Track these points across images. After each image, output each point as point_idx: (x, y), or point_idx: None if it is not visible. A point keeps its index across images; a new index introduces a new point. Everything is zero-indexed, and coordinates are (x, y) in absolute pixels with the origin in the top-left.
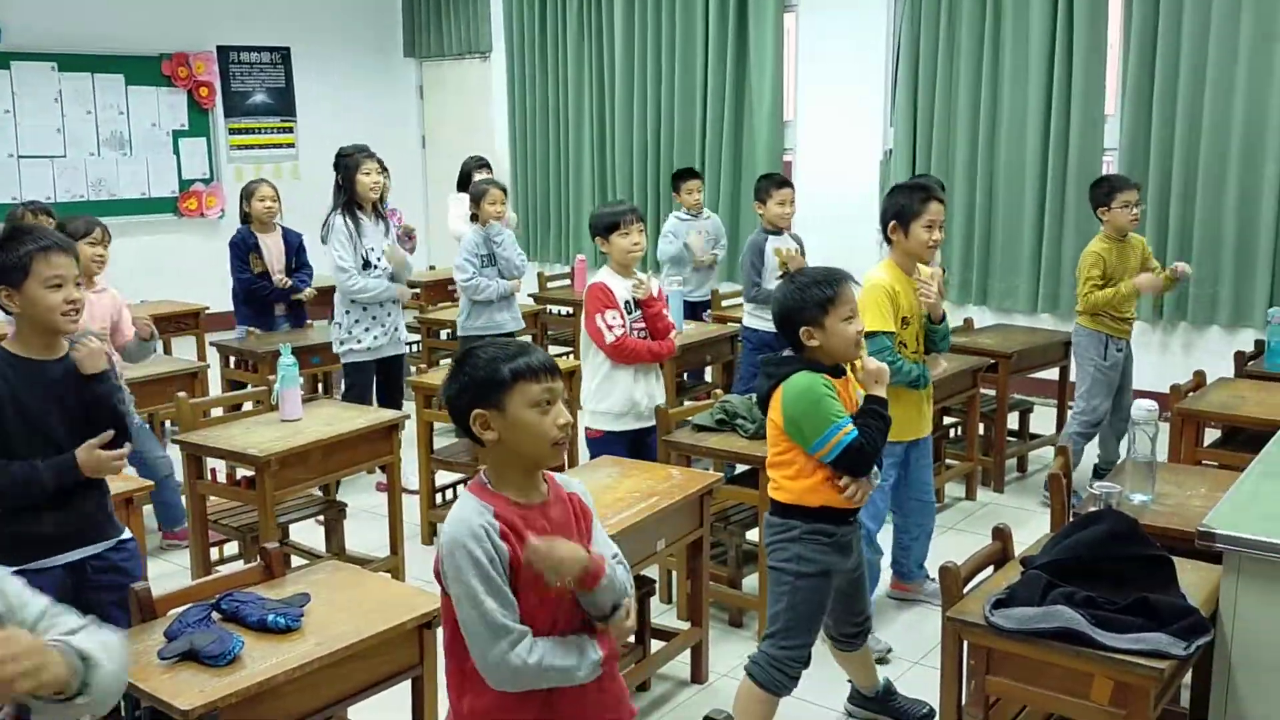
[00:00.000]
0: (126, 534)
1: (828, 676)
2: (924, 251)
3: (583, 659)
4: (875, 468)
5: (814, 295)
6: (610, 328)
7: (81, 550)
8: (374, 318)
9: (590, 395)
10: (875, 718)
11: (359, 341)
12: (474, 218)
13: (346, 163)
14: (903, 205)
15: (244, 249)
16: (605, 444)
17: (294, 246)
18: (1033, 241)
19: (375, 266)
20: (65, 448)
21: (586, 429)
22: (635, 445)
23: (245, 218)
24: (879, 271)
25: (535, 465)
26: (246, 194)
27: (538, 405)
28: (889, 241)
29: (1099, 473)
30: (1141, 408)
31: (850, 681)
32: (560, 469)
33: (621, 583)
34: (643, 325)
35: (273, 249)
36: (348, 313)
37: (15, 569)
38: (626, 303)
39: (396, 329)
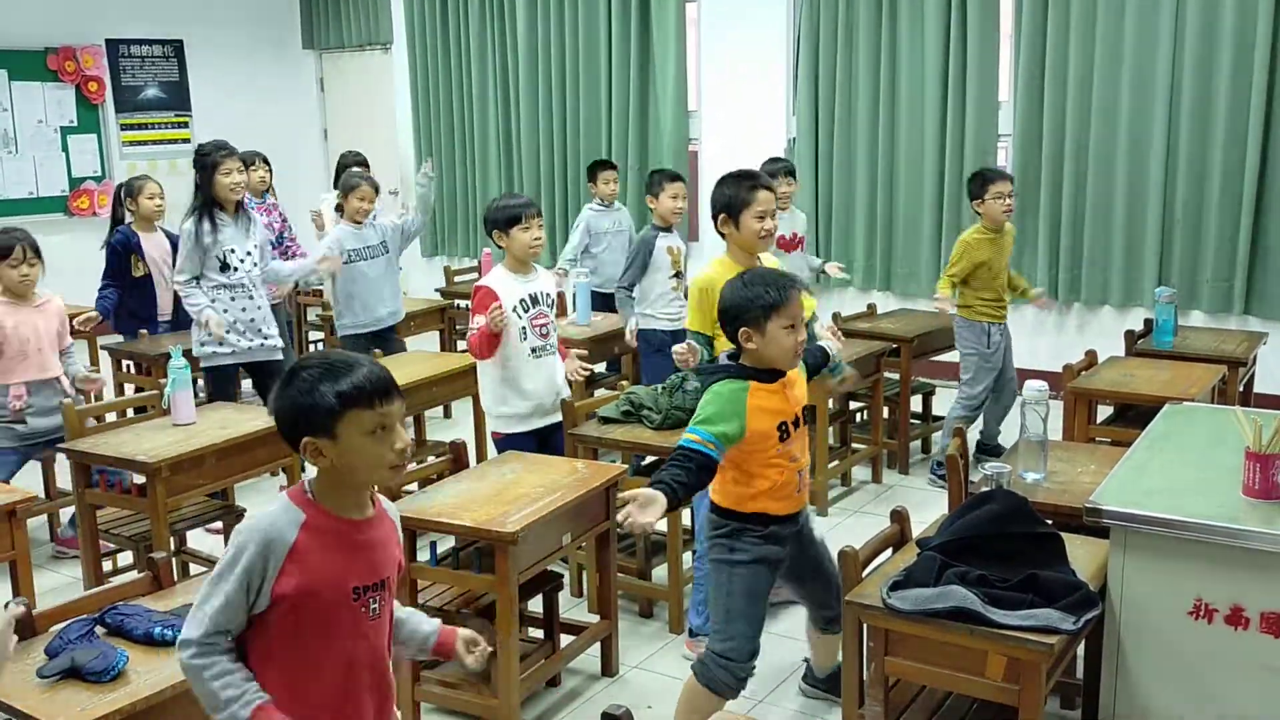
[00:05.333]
0: None
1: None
2: (757, 243)
3: (226, 709)
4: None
5: (761, 298)
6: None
7: None
8: (234, 319)
9: (489, 401)
10: (827, 697)
11: (219, 344)
12: (338, 208)
13: (204, 162)
14: (730, 196)
15: (126, 251)
16: (511, 444)
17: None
18: (932, 226)
19: (236, 269)
20: None
21: (492, 433)
22: (542, 442)
23: (121, 218)
24: (710, 269)
25: (369, 486)
26: (132, 191)
27: (372, 433)
28: (721, 235)
29: (982, 448)
30: (1032, 387)
31: (806, 660)
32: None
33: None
34: (545, 321)
35: (156, 250)
36: None
37: None
38: (524, 299)
39: (259, 331)
